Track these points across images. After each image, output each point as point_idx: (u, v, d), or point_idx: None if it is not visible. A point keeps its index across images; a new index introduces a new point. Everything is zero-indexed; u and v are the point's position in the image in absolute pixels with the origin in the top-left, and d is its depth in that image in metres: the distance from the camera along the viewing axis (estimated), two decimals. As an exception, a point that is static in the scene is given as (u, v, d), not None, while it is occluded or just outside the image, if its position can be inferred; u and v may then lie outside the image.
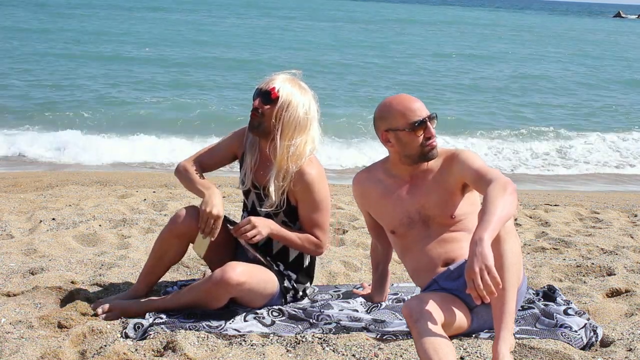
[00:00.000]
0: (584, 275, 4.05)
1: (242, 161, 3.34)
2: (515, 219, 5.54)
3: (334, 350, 2.79)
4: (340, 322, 3.06)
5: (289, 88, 3.15)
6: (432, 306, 2.57)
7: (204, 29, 31.74)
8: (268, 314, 3.12)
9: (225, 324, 3.01)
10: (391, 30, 39.82)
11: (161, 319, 3.05)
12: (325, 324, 3.05)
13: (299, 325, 3.05)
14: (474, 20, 58.88)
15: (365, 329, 3.02)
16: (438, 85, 18.25)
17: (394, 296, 3.47)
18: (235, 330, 2.97)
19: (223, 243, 3.30)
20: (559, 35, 45.26)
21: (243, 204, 3.42)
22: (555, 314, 3.05)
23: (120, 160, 9.57)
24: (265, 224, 3.15)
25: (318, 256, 3.44)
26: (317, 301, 3.38)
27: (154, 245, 3.34)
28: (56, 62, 17.80)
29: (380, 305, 3.32)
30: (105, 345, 2.80)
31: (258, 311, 3.14)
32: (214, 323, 3.01)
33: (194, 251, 3.39)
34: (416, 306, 2.56)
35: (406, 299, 3.34)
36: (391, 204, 3.03)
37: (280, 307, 3.19)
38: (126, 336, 2.90)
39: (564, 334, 2.89)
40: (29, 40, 21.92)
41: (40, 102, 12.76)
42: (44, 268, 3.75)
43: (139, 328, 2.96)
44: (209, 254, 3.26)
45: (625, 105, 16.75)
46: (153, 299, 3.24)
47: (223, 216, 3.14)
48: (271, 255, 3.31)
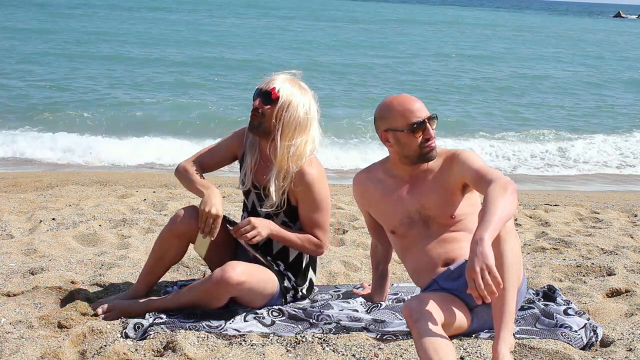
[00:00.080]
0: (584, 275, 4.04)
1: (242, 161, 3.33)
2: (515, 219, 5.53)
3: (334, 350, 2.79)
4: (340, 322, 3.06)
5: (289, 88, 3.16)
6: (432, 306, 2.57)
7: (204, 29, 31.74)
8: (268, 314, 3.13)
9: (225, 324, 3.01)
10: (391, 30, 39.81)
11: (161, 319, 3.05)
12: (325, 324, 3.05)
13: (299, 325, 3.05)
14: (474, 20, 58.88)
15: (365, 329, 3.02)
16: (438, 85, 18.24)
17: (394, 296, 3.47)
18: (235, 330, 2.97)
19: (223, 243, 3.30)
20: (559, 35, 45.24)
21: (243, 204, 3.42)
22: (555, 314, 3.05)
23: (120, 160, 9.57)
24: (265, 225, 3.15)
25: (318, 256, 3.44)
26: (317, 301, 3.38)
27: (154, 245, 3.34)
28: (56, 62, 17.80)
29: (380, 305, 3.32)
30: (105, 345, 2.80)
31: (258, 311, 3.14)
32: (214, 323, 3.01)
33: (194, 251, 3.39)
34: (416, 306, 2.56)
35: (406, 299, 3.34)
36: (391, 204, 3.03)
37: (280, 307, 3.19)
38: (126, 336, 2.91)
39: (564, 334, 2.89)
40: (29, 40, 21.91)
41: (40, 102, 12.76)
42: (44, 268, 3.75)
43: (139, 328, 2.96)
44: (209, 254, 3.26)
45: (626, 105, 16.74)
46: (153, 299, 3.24)
47: (222, 215, 3.14)
48: (271, 255, 3.31)
